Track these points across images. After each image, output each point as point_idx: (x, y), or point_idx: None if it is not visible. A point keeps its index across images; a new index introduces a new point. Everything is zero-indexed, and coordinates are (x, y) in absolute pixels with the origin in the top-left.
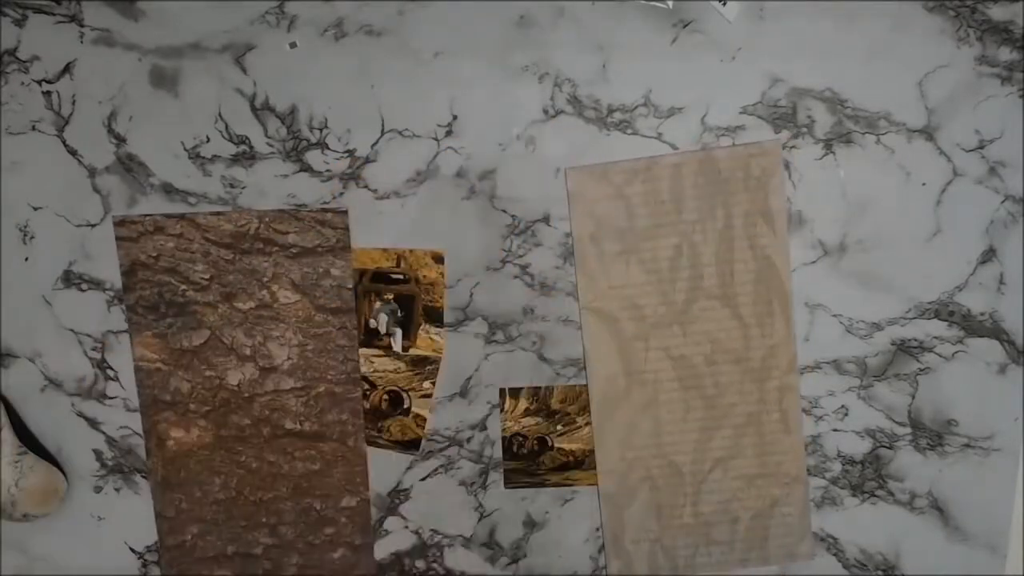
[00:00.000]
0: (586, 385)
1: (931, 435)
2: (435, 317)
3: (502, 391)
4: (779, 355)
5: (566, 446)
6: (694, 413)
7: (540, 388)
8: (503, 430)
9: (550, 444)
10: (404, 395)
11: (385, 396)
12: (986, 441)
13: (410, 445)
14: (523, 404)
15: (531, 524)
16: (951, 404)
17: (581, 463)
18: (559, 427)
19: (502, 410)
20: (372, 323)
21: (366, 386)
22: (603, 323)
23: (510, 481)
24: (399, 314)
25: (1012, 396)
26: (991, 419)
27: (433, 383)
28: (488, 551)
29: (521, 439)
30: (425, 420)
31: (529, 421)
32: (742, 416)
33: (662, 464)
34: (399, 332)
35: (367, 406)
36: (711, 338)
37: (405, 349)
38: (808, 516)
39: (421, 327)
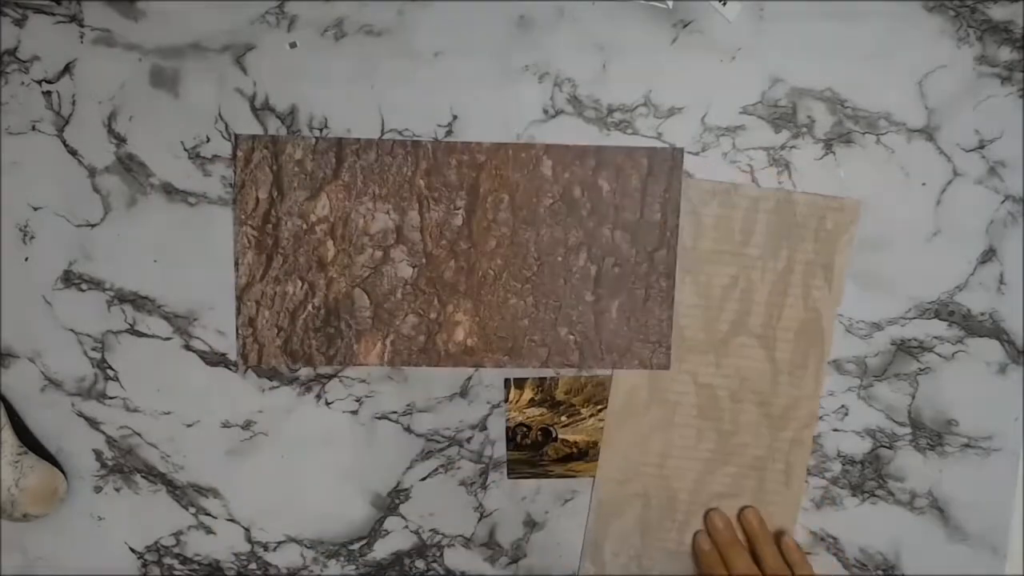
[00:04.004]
0: (592, 377)
1: (931, 435)
2: None
3: (507, 380)
4: (801, 408)
5: (570, 437)
6: (705, 444)
7: (546, 379)
8: (507, 420)
9: (554, 435)
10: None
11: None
12: (986, 441)
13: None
14: (528, 394)
15: (531, 524)
16: (951, 404)
17: (585, 454)
18: (563, 418)
19: (507, 400)
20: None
21: (526, 428)
22: None
23: (513, 471)
24: None
25: (1012, 396)
26: (991, 419)
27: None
28: (488, 551)
29: (525, 429)
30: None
31: (533, 411)
32: (750, 458)
33: (660, 486)
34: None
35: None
36: (741, 375)
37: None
38: None
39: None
